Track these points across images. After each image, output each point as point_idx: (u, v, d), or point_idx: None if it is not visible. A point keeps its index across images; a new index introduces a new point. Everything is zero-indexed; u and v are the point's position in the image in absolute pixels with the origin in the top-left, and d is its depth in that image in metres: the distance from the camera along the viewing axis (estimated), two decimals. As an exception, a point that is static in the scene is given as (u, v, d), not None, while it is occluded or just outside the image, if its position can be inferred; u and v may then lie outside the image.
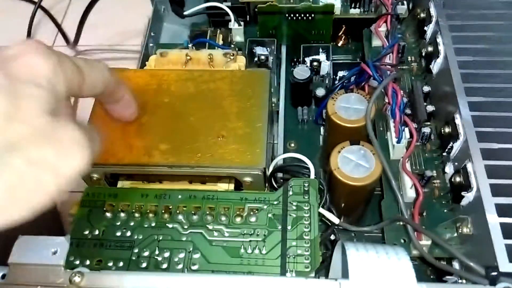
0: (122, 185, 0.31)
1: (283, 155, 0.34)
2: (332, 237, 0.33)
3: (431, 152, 0.36)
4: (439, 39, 0.37)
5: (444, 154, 0.34)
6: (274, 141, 0.39)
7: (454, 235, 0.31)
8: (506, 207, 0.27)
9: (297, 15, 0.44)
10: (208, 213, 0.28)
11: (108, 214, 0.28)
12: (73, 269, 0.23)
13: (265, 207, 0.29)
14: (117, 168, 0.30)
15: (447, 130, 0.33)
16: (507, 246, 0.26)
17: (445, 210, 0.33)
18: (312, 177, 0.31)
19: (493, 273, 0.24)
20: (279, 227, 0.28)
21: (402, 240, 0.32)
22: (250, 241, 0.27)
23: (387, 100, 0.36)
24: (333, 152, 0.32)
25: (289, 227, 0.28)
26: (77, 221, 0.28)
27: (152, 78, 0.34)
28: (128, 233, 0.28)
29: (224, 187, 0.31)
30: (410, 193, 0.33)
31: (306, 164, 0.33)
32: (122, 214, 0.28)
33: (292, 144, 0.41)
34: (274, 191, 0.30)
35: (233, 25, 0.46)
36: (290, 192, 0.29)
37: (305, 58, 0.44)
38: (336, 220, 0.31)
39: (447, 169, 0.34)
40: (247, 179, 0.30)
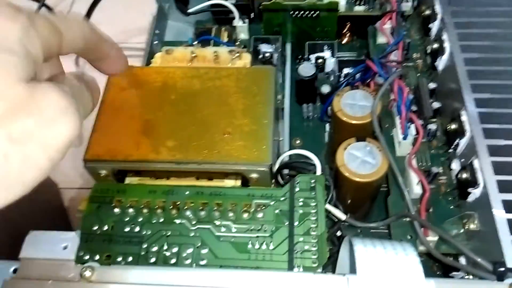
0: (130, 181, 0.32)
1: (290, 152, 0.34)
2: (339, 233, 0.33)
3: (437, 149, 0.36)
4: (445, 36, 0.37)
5: (450, 151, 0.34)
6: (280, 138, 0.39)
7: (461, 231, 0.31)
8: (513, 203, 0.28)
9: (302, 12, 0.44)
10: (216, 209, 0.29)
11: (117, 210, 0.28)
12: (83, 264, 0.23)
13: (272, 203, 0.29)
14: (125, 165, 0.30)
15: (453, 127, 0.33)
16: (514, 242, 0.26)
17: (452, 207, 0.33)
18: (319, 174, 0.31)
19: (501, 269, 0.24)
20: (286, 223, 0.28)
21: (409, 236, 0.32)
22: (258, 237, 0.28)
23: (393, 97, 0.36)
24: (339, 149, 0.32)
25: (296, 223, 0.28)
26: (86, 217, 0.28)
27: (158, 75, 0.35)
28: (137, 229, 0.28)
29: (231, 184, 0.32)
30: (417, 190, 0.33)
31: (312, 161, 0.33)
32: (131, 210, 0.28)
33: (298, 141, 0.41)
34: (281, 188, 0.30)
35: (238, 23, 0.46)
36: (297, 188, 0.30)
37: (310, 55, 0.44)
38: (343, 216, 0.31)
39: (453, 166, 0.34)
40: (254, 176, 0.30)
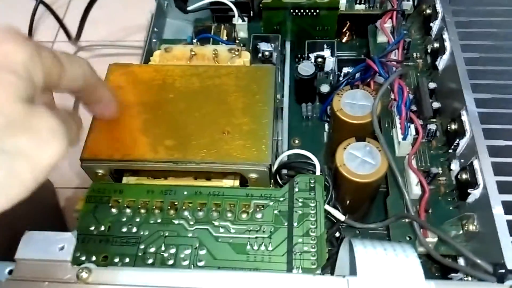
0: (127, 181, 0.31)
1: (289, 152, 0.34)
2: (337, 234, 0.33)
3: (437, 149, 0.36)
4: (445, 36, 0.37)
5: (450, 151, 0.34)
6: (279, 138, 0.39)
7: (460, 233, 0.31)
8: (513, 204, 0.27)
9: (302, 11, 0.44)
10: (214, 210, 0.28)
11: (114, 210, 0.28)
12: (80, 265, 0.22)
13: (271, 204, 0.29)
14: (123, 164, 0.30)
15: (453, 127, 0.33)
16: (514, 243, 0.26)
17: (451, 207, 0.33)
18: (318, 174, 0.31)
19: (501, 271, 0.24)
20: (285, 224, 0.28)
21: (408, 238, 0.32)
22: (256, 238, 0.27)
23: (393, 97, 0.36)
24: (339, 149, 0.31)
25: (295, 224, 0.28)
26: (83, 217, 0.28)
27: (157, 74, 0.34)
28: (134, 229, 0.28)
29: (229, 184, 0.31)
30: (416, 190, 0.32)
31: (311, 161, 0.32)
32: (128, 210, 0.28)
33: (296, 141, 0.41)
34: (280, 188, 0.30)
35: (237, 21, 0.46)
36: (296, 189, 0.29)
37: (310, 54, 0.44)
38: (342, 217, 0.31)
39: (453, 166, 0.33)
40: (253, 175, 0.30)
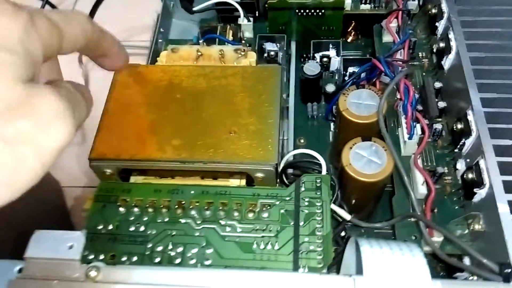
0: (135, 180, 0.32)
1: (295, 151, 0.34)
2: (343, 233, 0.33)
3: (443, 149, 0.36)
4: (451, 35, 0.37)
5: (456, 151, 0.34)
6: (285, 137, 0.39)
7: (466, 232, 0.31)
8: (520, 204, 0.27)
9: (307, 11, 0.44)
10: (221, 209, 0.29)
11: (122, 209, 0.28)
12: (89, 264, 0.23)
13: (278, 203, 0.29)
14: (130, 163, 0.30)
15: (459, 127, 0.33)
16: (520, 243, 0.26)
17: (456, 207, 0.33)
18: (324, 173, 0.31)
19: (508, 270, 0.24)
20: (292, 223, 0.28)
21: (413, 237, 0.32)
22: (263, 237, 0.28)
23: (399, 96, 0.36)
24: (345, 148, 0.32)
25: (302, 223, 0.28)
26: (91, 216, 0.28)
27: (164, 74, 0.34)
28: (142, 228, 0.28)
29: (236, 183, 0.32)
30: (422, 190, 0.32)
31: (317, 160, 0.33)
32: (136, 209, 0.28)
33: (302, 140, 0.41)
34: (286, 187, 0.30)
35: (242, 21, 0.46)
36: (302, 188, 0.29)
37: (315, 54, 0.44)
38: (348, 216, 0.31)
39: (459, 166, 0.33)
40: (259, 175, 0.30)
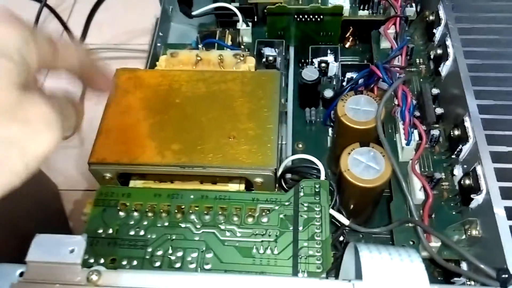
0: (134, 185, 0.32)
1: (294, 156, 0.34)
2: (341, 238, 0.33)
3: (440, 154, 0.36)
4: (448, 42, 0.37)
5: (453, 157, 0.34)
6: (283, 142, 0.39)
7: (463, 237, 0.31)
8: (516, 210, 0.28)
9: (306, 17, 0.44)
10: (220, 213, 0.29)
11: (122, 213, 0.29)
12: (89, 268, 0.23)
13: (277, 208, 0.29)
14: (130, 168, 0.30)
15: (456, 133, 0.34)
16: (517, 249, 0.26)
17: (454, 212, 0.33)
18: (323, 178, 0.32)
19: (505, 276, 0.24)
20: (291, 228, 0.28)
21: (411, 242, 0.32)
22: (262, 242, 0.28)
23: (397, 102, 0.36)
24: (343, 154, 0.32)
25: (301, 228, 0.28)
26: (91, 220, 0.28)
27: (164, 79, 0.35)
28: (142, 232, 0.28)
29: (235, 188, 0.32)
30: (419, 195, 0.33)
31: (316, 165, 0.33)
32: (135, 214, 0.29)
33: (300, 145, 0.41)
34: (285, 192, 0.31)
35: (241, 26, 0.46)
36: (301, 193, 0.30)
37: (313, 59, 0.44)
38: (346, 221, 0.31)
39: (456, 172, 0.34)
40: (258, 180, 0.30)
